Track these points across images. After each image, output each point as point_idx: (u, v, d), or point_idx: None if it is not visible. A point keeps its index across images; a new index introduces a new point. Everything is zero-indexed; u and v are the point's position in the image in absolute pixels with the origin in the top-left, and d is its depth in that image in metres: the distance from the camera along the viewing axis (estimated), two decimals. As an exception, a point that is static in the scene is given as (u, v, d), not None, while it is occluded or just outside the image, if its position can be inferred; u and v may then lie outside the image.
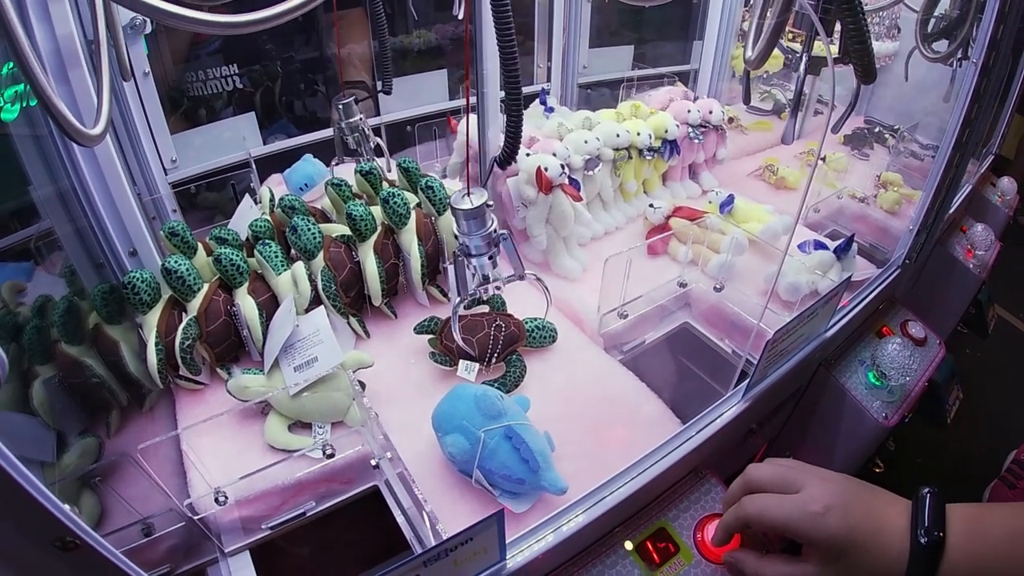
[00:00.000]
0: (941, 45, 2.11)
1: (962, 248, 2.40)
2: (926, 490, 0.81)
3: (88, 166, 1.29)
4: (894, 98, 2.94)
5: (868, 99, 3.13)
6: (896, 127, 2.81)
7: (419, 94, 2.45)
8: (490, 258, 1.23)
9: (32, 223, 1.32)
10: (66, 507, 0.52)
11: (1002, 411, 2.96)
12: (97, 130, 1.04)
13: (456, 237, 1.21)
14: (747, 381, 1.25)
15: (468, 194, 1.16)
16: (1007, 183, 3.04)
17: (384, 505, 1.24)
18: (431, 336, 1.44)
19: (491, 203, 1.20)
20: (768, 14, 1.22)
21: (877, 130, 2.89)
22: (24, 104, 1.16)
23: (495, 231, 1.22)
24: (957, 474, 2.54)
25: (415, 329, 1.45)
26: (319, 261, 1.45)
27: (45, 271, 1.35)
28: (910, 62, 2.44)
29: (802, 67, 1.26)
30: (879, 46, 2.75)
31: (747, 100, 1.51)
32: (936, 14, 2.07)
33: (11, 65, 1.15)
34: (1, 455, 0.46)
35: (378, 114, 2.38)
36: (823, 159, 2.48)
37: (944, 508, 0.79)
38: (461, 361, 1.40)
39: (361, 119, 1.79)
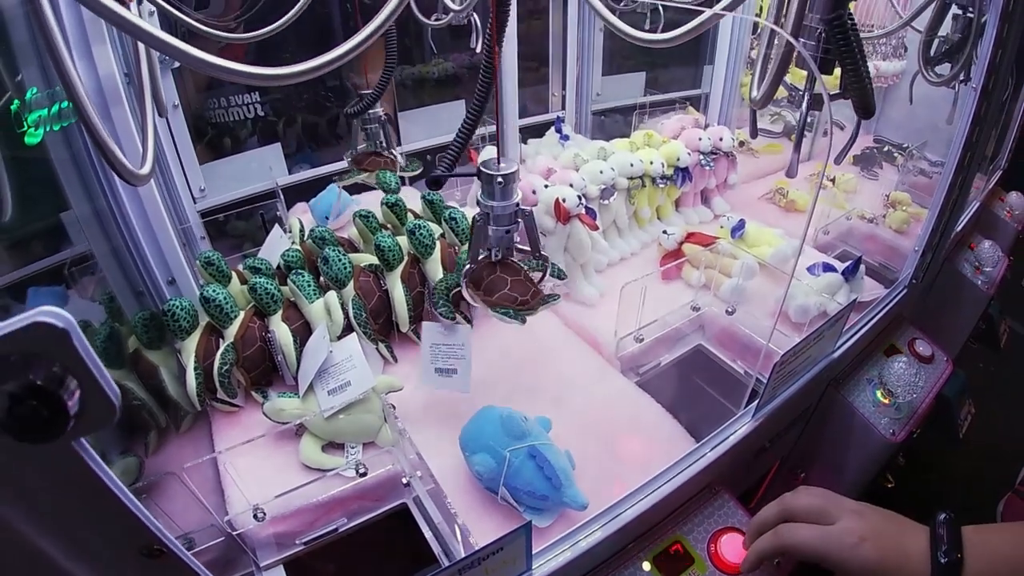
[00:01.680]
0: (944, 68, 2.17)
1: (970, 265, 2.44)
2: (942, 516, 0.91)
3: (129, 199, 1.37)
4: (903, 116, 2.97)
5: (877, 118, 3.17)
6: (905, 145, 2.84)
7: (438, 124, 2.52)
8: (507, 232, 1.22)
9: (62, 248, 1.38)
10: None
11: (1016, 424, 2.96)
12: (145, 170, 1.12)
13: (478, 203, 1.20)
14: (757, 401, 1.31)
15: (499, 161, 1.18)
16: (1016, 198, 3.06)
17: (412, 522, 1.31)
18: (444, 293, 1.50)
19: (520, 178, 1.25)
20: (772, 55, 1.29)
21: (886, 149, 2.94)
22: (47, 128, 1.21)
23: (518, 205, 1.20)
24: (970, 488, 2.53)
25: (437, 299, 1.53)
26: (349, 290, 1.53)
27: (78, 295, 1.41)
28: (914, 83, 2.49)
29: (804, 105, 1.32)
30: (886, 65, 2.80)
31: (754, 135, 1.57)
32: (940, 35, 2.13)
33: (35, 90, 1.20)
34: (102, 471, 0.52)
35: (399, 143, 2.45)
36: (832, 180, 2.54)
37: (959, 530, 0.88)
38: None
39: (382, 113, 1.87)
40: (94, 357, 0.44)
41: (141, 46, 1.27)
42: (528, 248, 1.28)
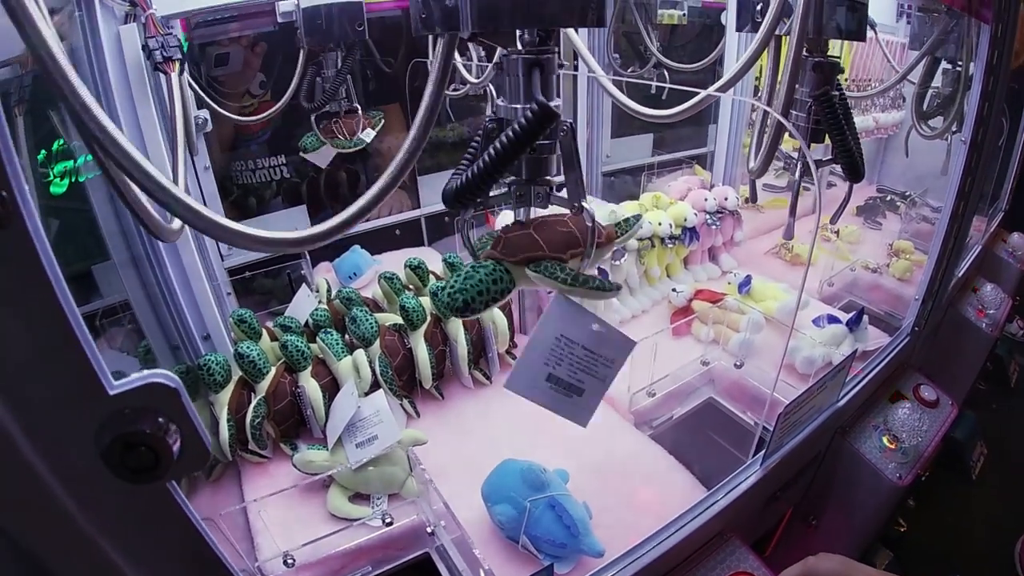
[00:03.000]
0: (938, 120, 2.26)
1: (973, 308, 2.49)
2: None
3: (168, 253, 1.47)
4: (904, 165, 3.02)
5: (879, 168, 3.25)
6: (907, 194, 2.91)
7: None
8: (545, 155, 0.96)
9: (92, 299, 1.46)
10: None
11: (1030, 464, 2.96)
12: (176, 226, 1.19)
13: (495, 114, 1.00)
14: (764, 450, 1.37)
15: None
16: (1018, 239, 3.12)
17: (433, 571, 1.35)
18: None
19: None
20: (766, 128, 1.39)
21: (888, 198, 3.01)
22: (72, 180, 1.30)
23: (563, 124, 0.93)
24: (985, 528, 2.54)
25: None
26: (375, 348, 1.61)
27: (107, 345, 1.48)
28: (909, 136, 2.57)
29: (797, 174, 1.41)
30: (884, 117, 2.87)
31: (754, 200, 1.66)
32: (933, 87, 2.22)
33: (61, 141, 1.28)
34: (188, 510, 0.60)
35: (418, 206, 2.56)
36: (836, 233, 2.62)
37: None
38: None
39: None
40: (195, 411, 0.53)
41: (178, 105, 1.37)
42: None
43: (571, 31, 1.65)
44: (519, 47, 0.89)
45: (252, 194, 2.24)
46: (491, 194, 0.97)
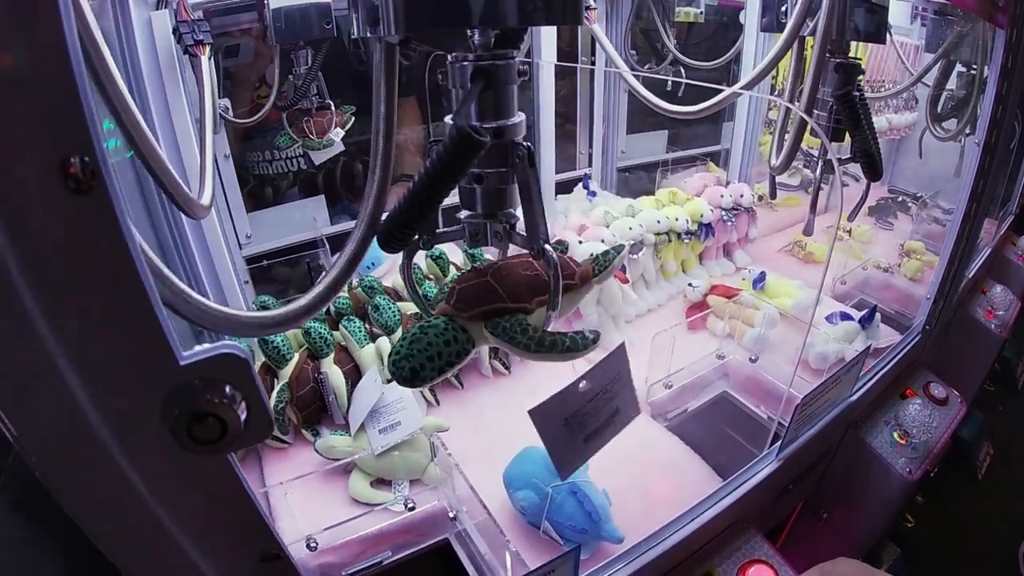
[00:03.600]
0: (952, 123, 2.28)
1: (983, 310, 2.52)
2: None
3: (196, 244, 1.50)
4: (916, 166, 3.05)
5: (891, 169, 3.26)
6: (918, 195, 2.92)
7: None
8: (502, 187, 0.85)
9: None
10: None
11: (1035, 467, 2.97)
12: (206, 201, 1.21)
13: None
14: (780, 442, 1.40)
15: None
16: (1029, 243, 3.14)
17: (452, 557, 1.38)
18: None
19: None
20: (789, 125, 1.41)
21: (900, 199, 3.02)
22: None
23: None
24: (990, 528, 2.56)
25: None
26: (398, 335, 1.64)
27: None
28: (923, 137, 2.59)
29: (818, 171, 1.44)
30: (898, 118, 2.89)
31: (773, 196, 1.68)
32: (947, 89, 2.24)
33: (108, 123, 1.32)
34: (245, 482, 0.62)
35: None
36: (849, 232, 2.63)
37: None
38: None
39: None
40: (261, 384, 0.55)
41: (207, 89, 1.40)
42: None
43: (595, 26, 1.67)
44: (469, 52, 0.75)
45: (268, 184, 2.26)
46: (442, 230, 0.89)
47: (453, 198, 0.82)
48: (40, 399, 0.47)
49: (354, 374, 1.62)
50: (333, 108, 2.06)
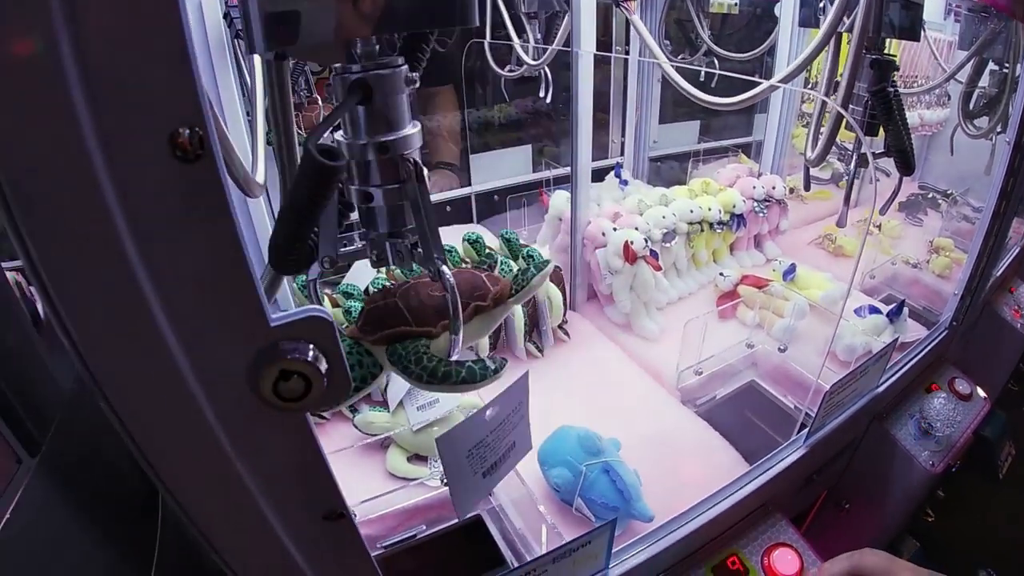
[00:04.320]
0: (983, 120, 2.28)
1: (1009, 308, 2.51)
2: (983, 573, 1.02)
3: (242, 220, 1.54)
4: (947, 163, 3.03)
5: (922, 165, 3.25)
6: (948, 192, 2.92)
7: (504, 167, 2.69)
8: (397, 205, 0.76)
9: None
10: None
11: (1058, 470, 2.96)
12: (260, 178, 1.23)
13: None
14: (808, 428, 1.43)
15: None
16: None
17: (484, 532, 1.41)
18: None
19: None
20: (826, 118, 1.44)
21: (930, 196, 3.02)
22: None
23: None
24: (1009, 528, 2.56)
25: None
26: (436, 316, 1.68)
27: None
28: (955, 134, 2.59)
29: (852, 164, 1.47)
30: (930, 114, 2.87)
31: (807, 188, 1.71)
32: (980, 87, 2.24)
33: None
34: (316, 440, 0.64)
35: (469, 183, 2.62)
36: (879, 227, 2.65)
37: None
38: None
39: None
40: (342, 347, 0.59)
41: (259, 73, 1.40)
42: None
43: (635, 17, 1.69)
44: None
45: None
46: (345, 249, 0.80)
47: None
48: (140, 357, 0.51)
49: (393, 352, 1.66)
50: (321, 103, 2.06)
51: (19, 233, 0.42)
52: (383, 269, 1.82)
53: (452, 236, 2.00)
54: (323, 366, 0.55)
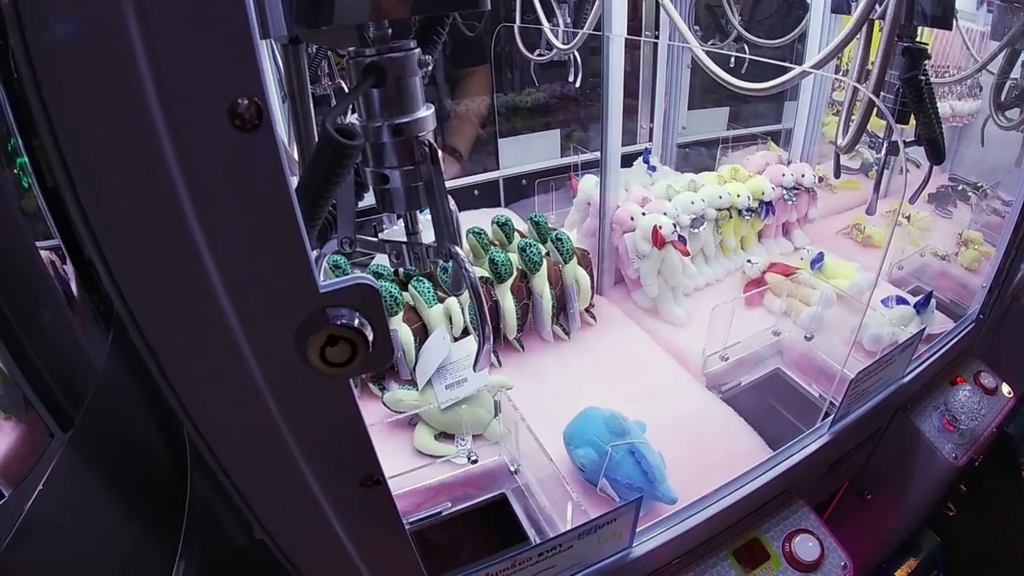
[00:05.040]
0: (1015, 112, 2.26)
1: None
2: None
3: None
4: (978, 155, 2.99)
5: (952, 157, 3.22)
6: (979, 184, 2.89)
7: (532, 151, 2.71)
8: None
9: None
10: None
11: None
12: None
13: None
14: (832, 416, 1.44)
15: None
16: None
17: (508, 511, 1.45)
18: None
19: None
20: (857, 105, 1.44)
21: (960, 188, 3.00)
22: None
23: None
24: None
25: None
26: (465, 297, 1.70)
27: None
28: (986, 126, 2.57)
29: (883, 152, 1.47)
30: (961, 105, 2.85)
31: (838, 175, 1.71)
32: (1012, 78, 2.22)
33: None
34: (357, 407, 0.66)
35: (497, 167, 2.64)
36: (908, 218, 2.64)
37: None
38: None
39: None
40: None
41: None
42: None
43: (667, 0, 1.69)
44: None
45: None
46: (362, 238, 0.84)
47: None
48: (195, 320, 0.53)
49: (422, 332, 1.69)
50: (345, 89, 2.06)
51: (79, 198, 0.43)
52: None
53: (482, 219, 2.04)
54: (368, 333, 0.57)
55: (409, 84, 0.72)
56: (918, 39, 1.39)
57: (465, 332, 1.68)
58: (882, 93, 1.40)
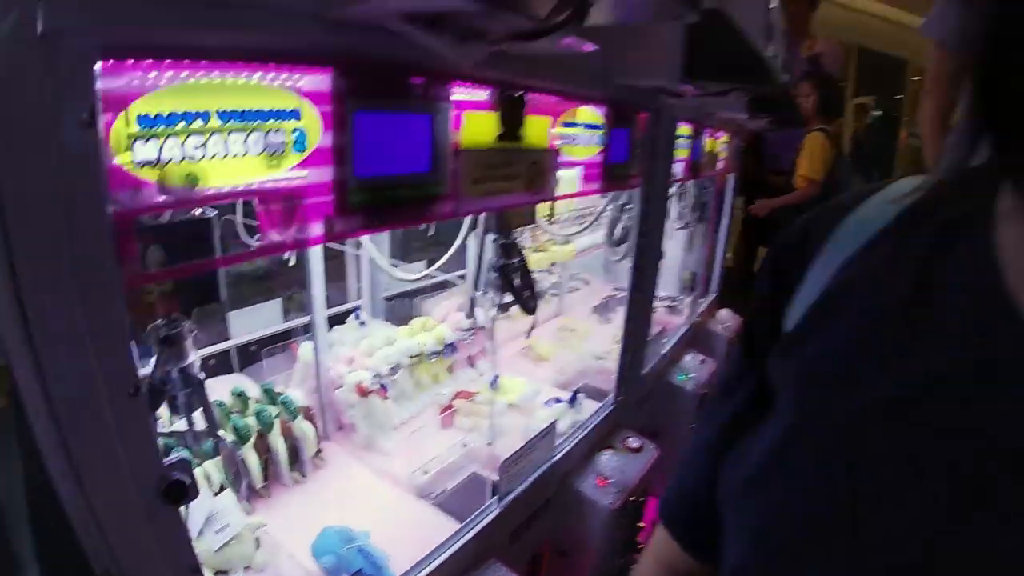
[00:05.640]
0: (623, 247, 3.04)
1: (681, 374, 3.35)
2: None
3: None
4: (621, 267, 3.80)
5: (616, 269, 3.97)
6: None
7: (259, 319, 2.96)
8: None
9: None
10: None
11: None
12: None
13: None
14: (499, 494, 1.95)
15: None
16: (725, 314, 4.09)
17: None
18: None
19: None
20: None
21: (620, 296, 3.72)
22: None
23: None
24: None
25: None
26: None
27: None
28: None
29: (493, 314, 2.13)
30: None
31: (469, 315, 2.37)
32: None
33: None
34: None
35: (228, 338, 2.83)
36: (574, 330, 3.37)
37: None
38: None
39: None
40: None
41: None
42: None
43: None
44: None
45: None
46: None
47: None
48: None
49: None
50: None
51: None
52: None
53: (218, 386, 2.34)
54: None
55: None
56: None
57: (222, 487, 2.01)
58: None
